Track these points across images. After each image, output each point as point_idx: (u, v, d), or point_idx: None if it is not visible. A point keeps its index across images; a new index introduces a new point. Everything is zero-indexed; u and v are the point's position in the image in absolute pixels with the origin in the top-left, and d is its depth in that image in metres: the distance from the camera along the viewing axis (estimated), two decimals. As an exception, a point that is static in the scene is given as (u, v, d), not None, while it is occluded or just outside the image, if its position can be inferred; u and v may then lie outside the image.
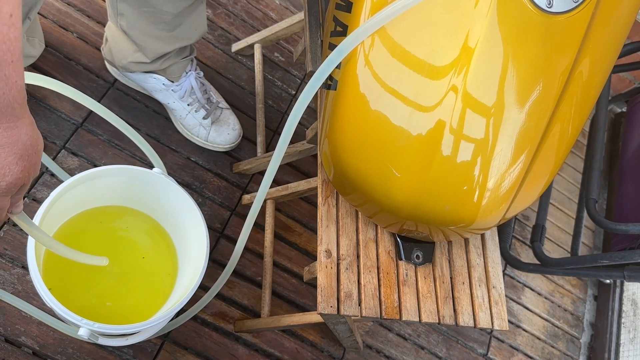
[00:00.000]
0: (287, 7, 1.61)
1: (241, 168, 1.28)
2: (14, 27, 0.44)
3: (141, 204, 0.97)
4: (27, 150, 0.52)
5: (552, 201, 1.77)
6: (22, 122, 0.51)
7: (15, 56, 0.45)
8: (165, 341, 1.08)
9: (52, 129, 1.14)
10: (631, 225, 1.21)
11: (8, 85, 0.46)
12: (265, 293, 1.14)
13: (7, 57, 0.44)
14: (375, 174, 0.76)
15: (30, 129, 0.52)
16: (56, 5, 1.27)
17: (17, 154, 0.51)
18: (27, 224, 0.66)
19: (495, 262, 0.99)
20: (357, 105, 0.75)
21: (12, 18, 0.43)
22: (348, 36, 0.69)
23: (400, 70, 0.71)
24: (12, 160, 0.51)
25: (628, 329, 1.64)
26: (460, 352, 1.41)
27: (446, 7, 0.69)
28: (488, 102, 0.71)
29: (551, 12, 0.69)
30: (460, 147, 0.72)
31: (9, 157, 0.51)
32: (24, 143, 0.52)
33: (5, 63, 0.44)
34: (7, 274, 1.01)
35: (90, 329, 0.77)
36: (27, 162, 0.53)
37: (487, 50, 0.69)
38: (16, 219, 0.64)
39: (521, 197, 0.81)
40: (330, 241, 0.86)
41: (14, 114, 0.49)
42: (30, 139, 0.52)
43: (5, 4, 0.42)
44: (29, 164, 0.53)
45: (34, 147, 0.54)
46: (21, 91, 0.48)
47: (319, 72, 0.70)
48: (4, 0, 0.42)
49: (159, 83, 1.18)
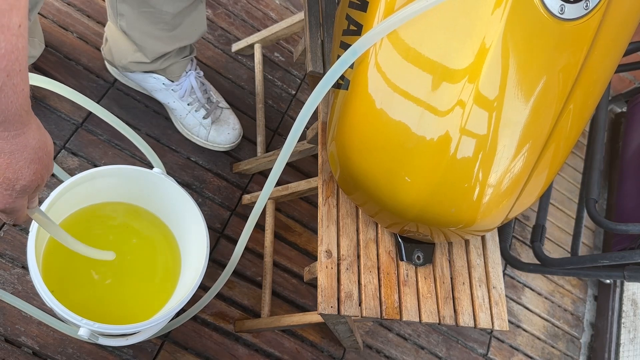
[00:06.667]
0: (287, 7, 1.61)
1: (241, 168, 1.28)
2: (22, 37, 0.45)
3: (142, 203, 0.97)
4: (37, 154, 0.55)
5: (552, 201, 1.77)
6: (29, 127, 0.53)
7: (22, 65, 0.47)
8: (165, 341, 1.08)
9: (52, 129, 1.14)
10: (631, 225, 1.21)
11: (16, 94, 0.47)
12: (265, 293, 1.14)
13: (16, 66, 0.46)
14: (384, 175, 0.76)
15: (37, 133, 0.55)
16: (56, 5, 1.27)
17: (28, 158, 0.54)
18: (42, 217, 0.70)
19: (495, 262, 0.99)
20: (369, 106, 0.74)
21: (21, 28, 0.45)
22: (363, 36, 0.68)
23: (414, 72, 0.71)
24: (23, 164, 0.54)
25: (628, 329, 1.64)
26: (460, 352, 1.41)
27: (461, 10, 0.69)
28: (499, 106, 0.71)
29: (563, 18, 0.70)
30: (469, 151, 0.72)
31: (19, 162, 0.53)
32: (32, 147, 0.54)
33: (14, 72, 0.46)
34: (7, 274, 1.01)
35: (90, 329, 0.77)
36: (39, 164, 0.56)
37: (499, 56, 0.69)
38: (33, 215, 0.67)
39: (523, 199, 0.81)
40: (331, 241, 0.86)
41: (21, 121, 0.51)
42: (38, 142, 0.55)
43: (15, 15, 0.43)
44: (40, 166, 0.56)
45: (43, 150, 0.56)
46: (27, 98, 0.50)
47: (331, 71, 0.69)
48: (14, 11, 0.43)
49: (158, 83, 1.18)
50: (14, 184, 0.55)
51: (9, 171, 0.53)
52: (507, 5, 0.67)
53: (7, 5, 0.42)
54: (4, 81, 0.45)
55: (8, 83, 0.46)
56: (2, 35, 0.43)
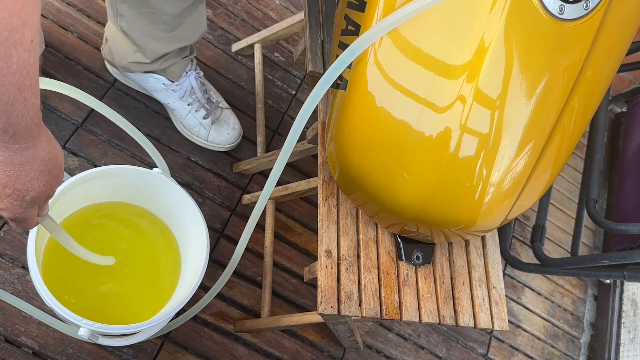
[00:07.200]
0: (287, 7, 1.61)
1: (241, 168, 1.28)
2: (34, 52, 0.46)
3: (142, 203, 0.97)
4: (47, 165, 0.56)
5: (552, 201, 1.77)
6: (40, 140, 0.54)
7: (33, 79, 0.47)
8: (165, 341, 1.08)
9: (52, 129, 1.14)
10: (631, 225, 1.21)
11: (27, 108, 0.48)
12: (265, 293, 1.14)
13: (27, 80, 0.46)
14: (382, 174, 0.76)
15: (47, 145, 0.56)
16: (56, 5, 1.27)
17: (38, 170, 0.55)
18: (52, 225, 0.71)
19: (495, 262, 0.99)
20: (367, 106, 0.75)
21: (33, 43, 0.45)
22: (361, 36, 0.68)
23: (413, 71, 0.71)
24: (33, 176, 0.55)
25: (628, 329, 1.64)
26: (460, 352, 1.41)
27: (460, 10, 0.69)
28: (498, 105, 0.71)
29: (562, 18, 0.69)
30: (468, 150, 0.72)
31: (29, 173, 0.55)
32: (42, 159, 0.55)
33: (25, 86, 0.47)
34: (7, 274, 1.01)
35: (90, 329, 0.77)
36: (49, 175, 0.57)
37: (499, 55, 0.69)
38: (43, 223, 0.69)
39: (523, 199, 0.81)
40: (331, 241, 0.86)
41: (31, 134, 0.52)
42: (48, 154, 0.56)
43: (27, 31, 0.44)
44: (50, 178, 0.58)
45: (53, 162, 0.57)
46: (38, 112, 0.51)
47: (330, 72, 0.69)
48: (27, 27, 0.44)
49: (159, 83, 1.18)
50: (24, 195, 0.56)
51: (19, 182, 0.55)
52: (505, 5, 0.67)
53: (20, 21, 0.43)
54: (15, 95, 0.46)
55: (19, 97, 0.46)
56: (15, 50, 0.44)
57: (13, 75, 0.45)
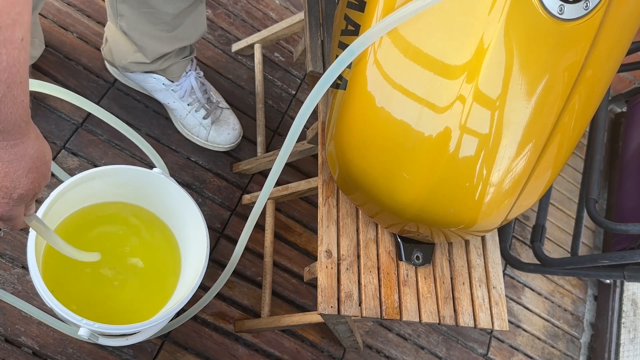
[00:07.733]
0: (287, 7, 1.61)
1: (241, 168, 1.28)
2: (24, 50, 0.46)
3: (142, 203, 0.97)
4: (35, 163, 0.56)
5: (552, 201, 1.77)
6: (28, 137, 0.54)
7: (23, 77, 0.48)
8: (165, 341, 1.08)
9: (52, 129, 1.14)
10: (631, 225, 1.21)
11: (16, 105, 0.48)
12: (265, 293, 1.14)
13: (17, 78, 0.47)
14: (382, 174, 0.76)
15: (36, 143, 0.56)
16: (56, 5, 1.27)
17: (26, 167, 0.55)
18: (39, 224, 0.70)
19: (495, 262, 0.99)
20: (367, 106, 0.74)
21: (23, 42, 0.46)
22: (360, 36, 0.68)
23: (413, 71, 0.71)
24: (21, 173, 0.55)
25: (628, 329, 1.64)
26: (460, 352, 1.41)
27: (460, 10, 0.69)
28: (498, 105, 0.71)
29: (562, 18, 0.69)
30: (468, 150, 0.72)
31: (17, 171, 0.55)
32: (30, 156, 0.55)
33: (14, 84, 0.47)
34: (7, 274, 1.01)
35: (90, 329, 0.77)
36: (36, 173, 0.57)
37: (499, 55, 0.69)
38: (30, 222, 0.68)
39: (523, 199, 0.81)
40: (331, 241, 0.86)
41: (19, 131, 0.52)
42: (36, 152, 0.56)
43: (17, 29, 0.45)
44: (38, 175, 0.57)
45: (41, 159, 0.57)
46: (27, 109, 0.51)
47: (329, 72, 0.69)
48: (17, 26, 0.44)
49: (159, 83, 1.18)
50: (12, 192, 0.56)
51: (6, 180, 0.54)
52: (505, 5, 0.67)
53: (11, 20, 0.44)
54: (5, 93, 0.46)
55: (8, 94, 0.47)
56: (5, 49, 0.44)
57: (2, 73, 0.45)
